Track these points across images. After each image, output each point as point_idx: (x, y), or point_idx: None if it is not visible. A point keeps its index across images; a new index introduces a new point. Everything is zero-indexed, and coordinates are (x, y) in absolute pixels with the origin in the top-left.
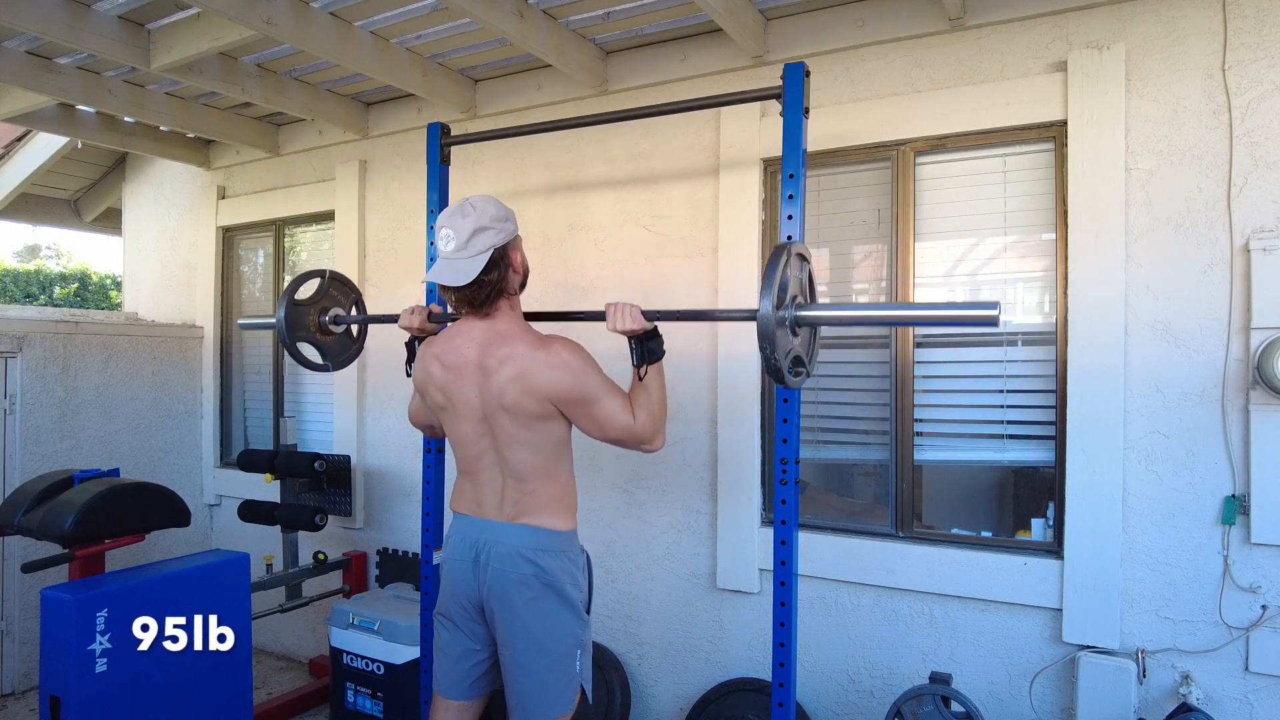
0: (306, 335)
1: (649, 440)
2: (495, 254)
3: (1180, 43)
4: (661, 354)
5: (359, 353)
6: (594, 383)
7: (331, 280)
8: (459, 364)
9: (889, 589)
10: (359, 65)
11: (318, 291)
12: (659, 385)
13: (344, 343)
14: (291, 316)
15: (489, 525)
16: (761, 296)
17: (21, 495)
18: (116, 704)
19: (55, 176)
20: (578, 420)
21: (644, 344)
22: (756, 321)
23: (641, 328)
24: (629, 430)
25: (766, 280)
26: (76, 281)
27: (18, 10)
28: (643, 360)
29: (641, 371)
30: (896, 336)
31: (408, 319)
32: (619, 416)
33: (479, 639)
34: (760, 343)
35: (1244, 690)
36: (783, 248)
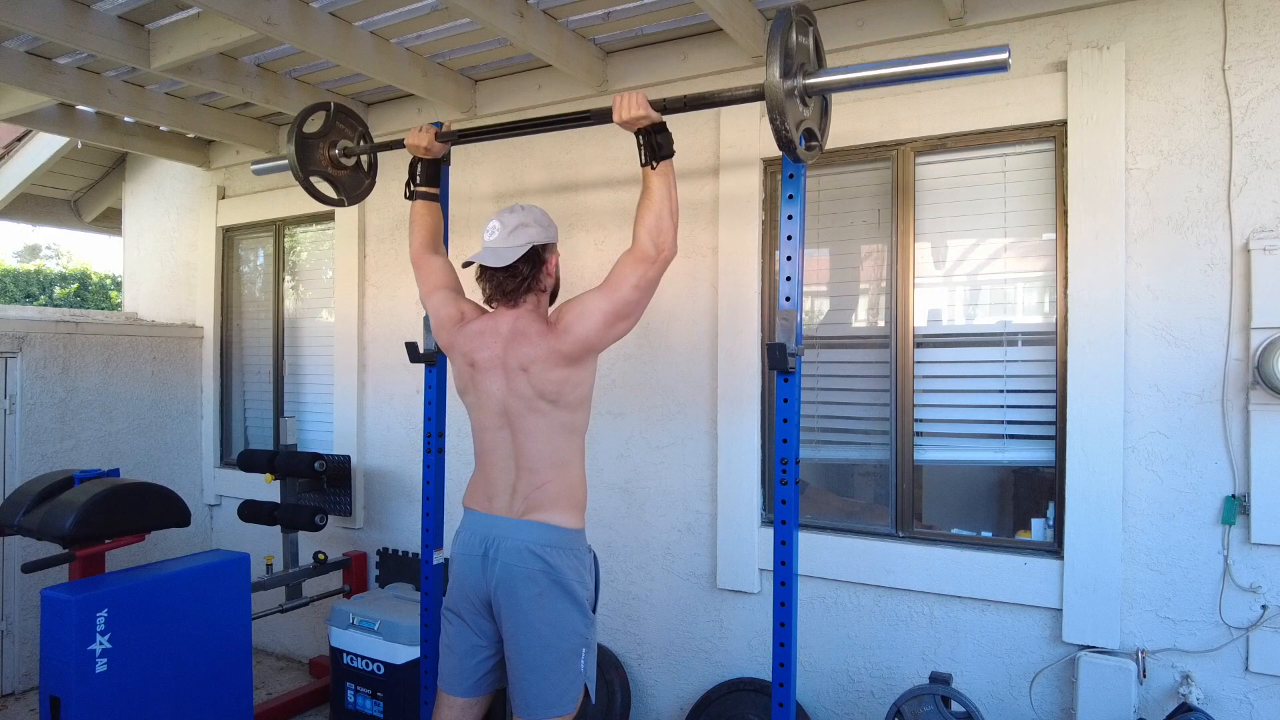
0: (319, 170)
1: (655, 253)
2: (534, 249)
3: (1180, 43)
4: (671, 150)
5: (372, 186)
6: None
7: (337, 112)
8: (486, 362)
9: (889, 589)
10: (359, 65)
11: (324, 125)
12: (664, 185)
13: (356, 177)
14: (302, 151)
15: (499, 521)
16: (767, 65)
17: (21, 495)
18: (116, 704)
19: (55, 176)
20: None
21: (652, 137)
22: (765, 92)
23: (648, 115)
24: (635, 266)
25: (771, 46)
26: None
27: (18, 10)
28: (651, 156)
29: (653, 165)
30: (896, 337)
31: (414, 137)
32: (624, 279)
33: (486, 635)
34: (770, 114)
35: (1244, 690)
36: (785, 10)
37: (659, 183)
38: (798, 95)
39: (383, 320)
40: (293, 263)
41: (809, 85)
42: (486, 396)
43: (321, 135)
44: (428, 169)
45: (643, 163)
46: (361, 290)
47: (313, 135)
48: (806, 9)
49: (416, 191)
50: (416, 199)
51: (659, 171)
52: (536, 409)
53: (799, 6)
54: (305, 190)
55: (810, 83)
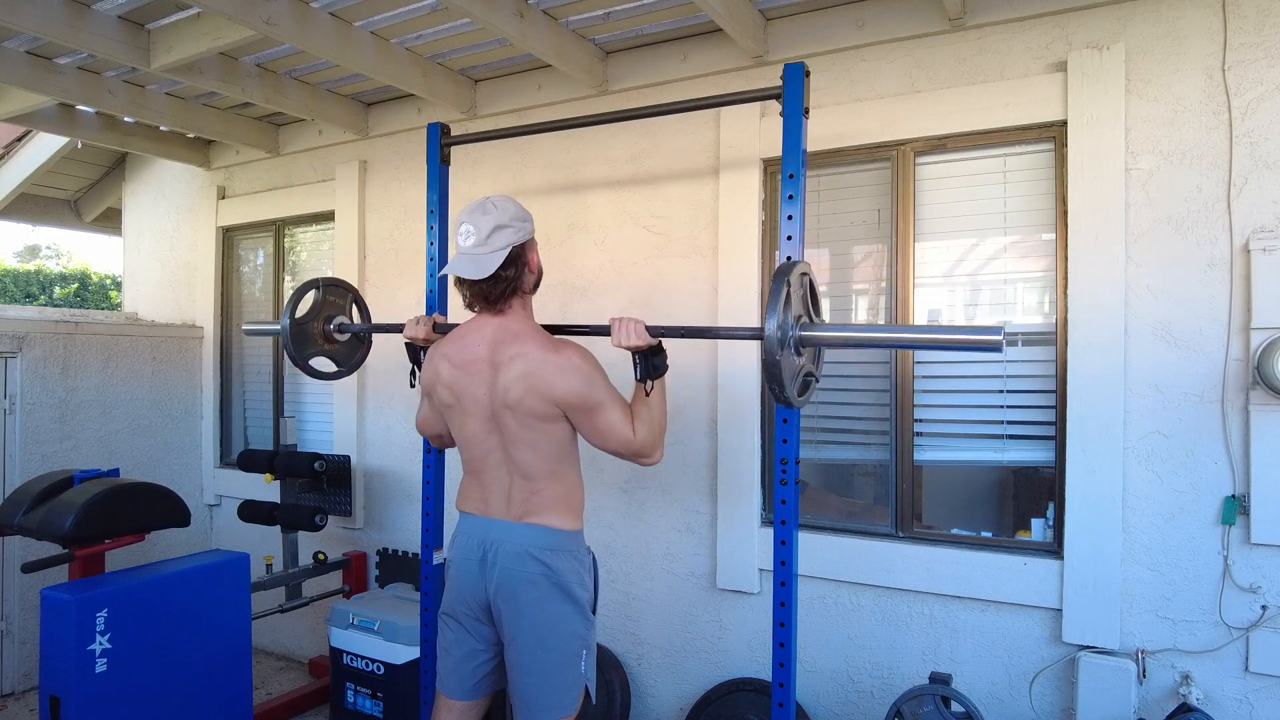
0: (316, 350)
1: (647, 455)
2: (513, 251)
3: (1180, 43)
4: (665, 369)
5: (368, 351)
6: (601, 391)
7: (326, 288)
8: (469, 361)
9: (889, 589)
10: (359, 65)
11: (315, 303)
12: (660, 400)
13: (352, 346)
14: (297, 336)
15: (496, 525)
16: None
17: (21, 495)
18: (116, 704)
19: (55, 176)
20: (580, 426)
21: (649, 359)
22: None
23: (646, 344)
24: (628, 444)
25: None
26: (76, 281)
27: (18, 10)
28: (646, 375)
29: (647, 387)
30: None
31: (413, 330)
32: (620, 429)
33: (484, 639)
34: (769, 382)
35: (1244, 690)
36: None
37: (656, 400)
38: (792, 348)
39: (383, 320)
40: (293, 263)
41: (803, 338)
42: (472, 402)
43: (313, 315)
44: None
45: (637, 379)
46: (361, 290)
47: (304, 317)
48: (807, 265)
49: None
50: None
51: (656, 389)
52: (523, 423)
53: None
54: (303, 371)
55: (805, 335)
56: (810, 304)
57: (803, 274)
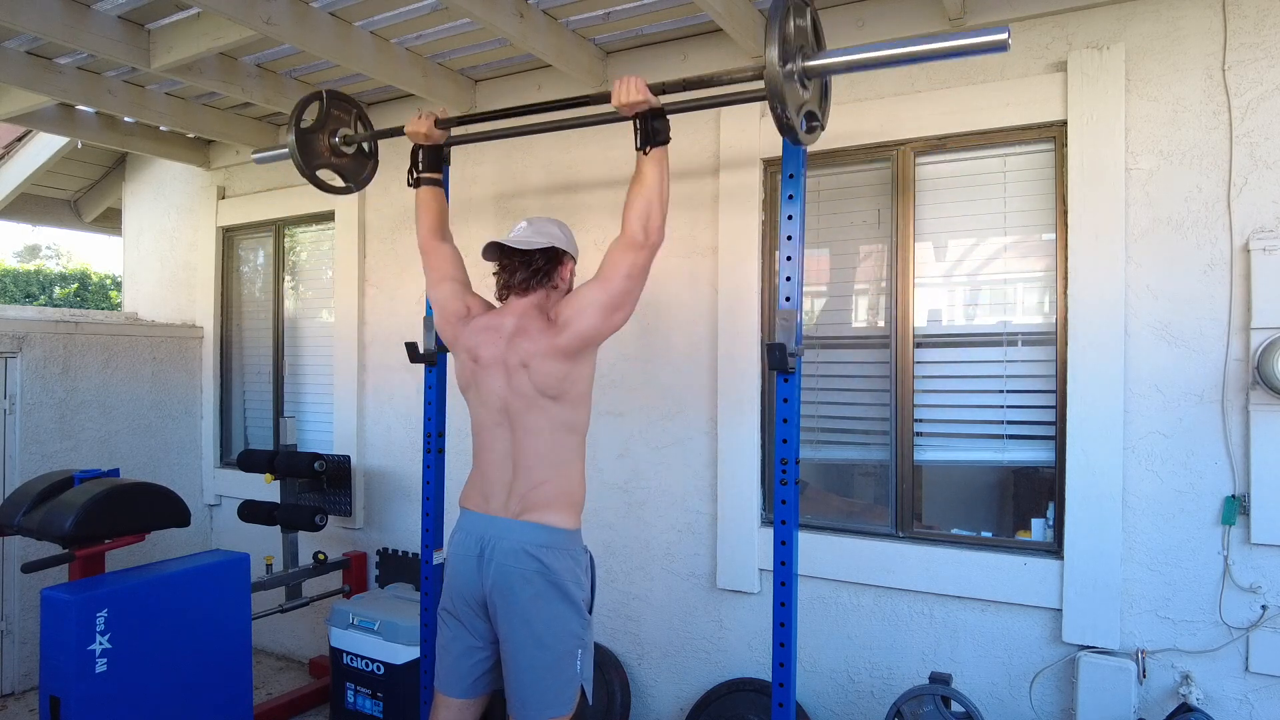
0: (323, 161)
1: (645, 239)
2: (555, 249)
3: (1180, 43)
4: (667, 136)
5: (376, 168)
6: (590, 293)
7: (330, 100)
8: (489, 360)
9: (889, 589)
10: (359, 65)
11: (320, 115)
12: (657, 172)
13: (358, 162)
14: (303, 145)
15: (495, 521)
16: (766, 47)
17: (21, 495)
18: (116, 704)
19: (55, 176)
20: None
21: (649, 122)
22: (764, 78)
23: (646, 100)
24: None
25: (770, 29)
26: (76, 281)
27: (18, 10)
28: (646, 141)
29: (646, 150)
30: (896, 337)
31: (415, 124)
32: (616, 268)
33: (481, 636)
34: (770, 100)
35: (1244, 690)
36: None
37: (652, 168)
38: (797, 78)
39: (383, 320)
40: (293, 263)
41: (808, 68)
42: (488, 393)
43: (319, 127)
44: (429, 155)
45: (637, 147)
46: (361, 290)
47: (310, 129)
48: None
49: (421, 178)
50: (421, 185)
51: (653, 157)
52: (538, 405)
53: None
54: (312, 183)
55: (810, 65)
56: (814, 38)
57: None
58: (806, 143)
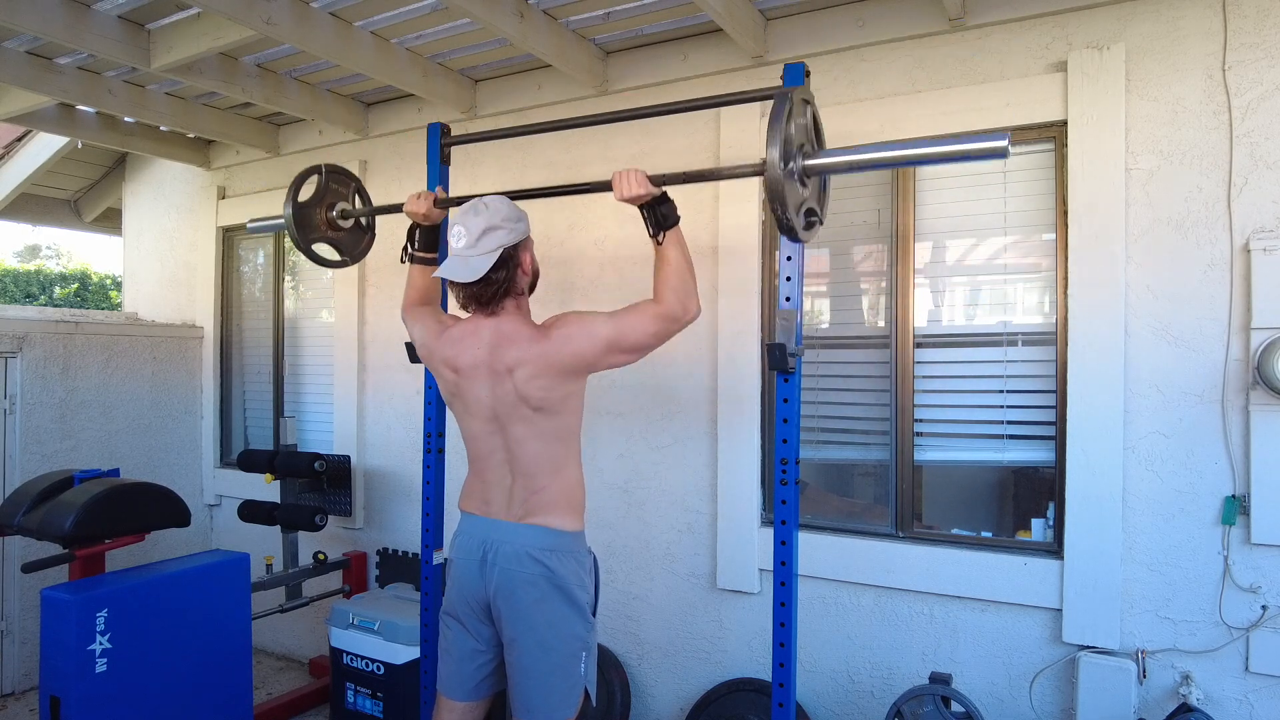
0: (319, 235)
1: (683, 314)
2: (505, 253)
3: (1180, 43)
4: (676, 218)
5: (373, 241)
6: (601, 323)
7: (329, 174)
8: (470, 366)
9: (889, 589)
10: (359, 65)
11: (318, 189)
12: (679, 253)
13: (356, 236)
14: (300, 218)
15: (497, 525)
16: (768, 148)
17: (21, 495)
18: (116, 704)
19: (55, 176)
20: (615, 360)
21: (655, 210)
22: (764, 178)
23: (649, 192)
24: (659, 320)
25: (772, 131)
26: (76, 281)
27: (18, 10)
28: (658, 228)
29: (660, 239)
30: (896, 337)
31: (413, 204)
32: (643, 322)
33: (485, 639)
34: (771, 202)
35: (1244, 690)
36: (785, 94)
37: (673, 251)
38: (797, 176)
39: (383, 320)
40: (293, 263)
41: (808, 166)
42: (475, 403)
43: (316, 201)
44: (426, 235)
45: (651, 235)
46: (361, 290)
47: (307, 202)
48: (807, 90)
49: (415, 256)
50: (415, 264)
51: (670, 241)
52: (524, 417)
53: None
54: (307, 256)
55: (810, 164)
56: (814, 135)
57: (805, 100)
58: (805, 239)
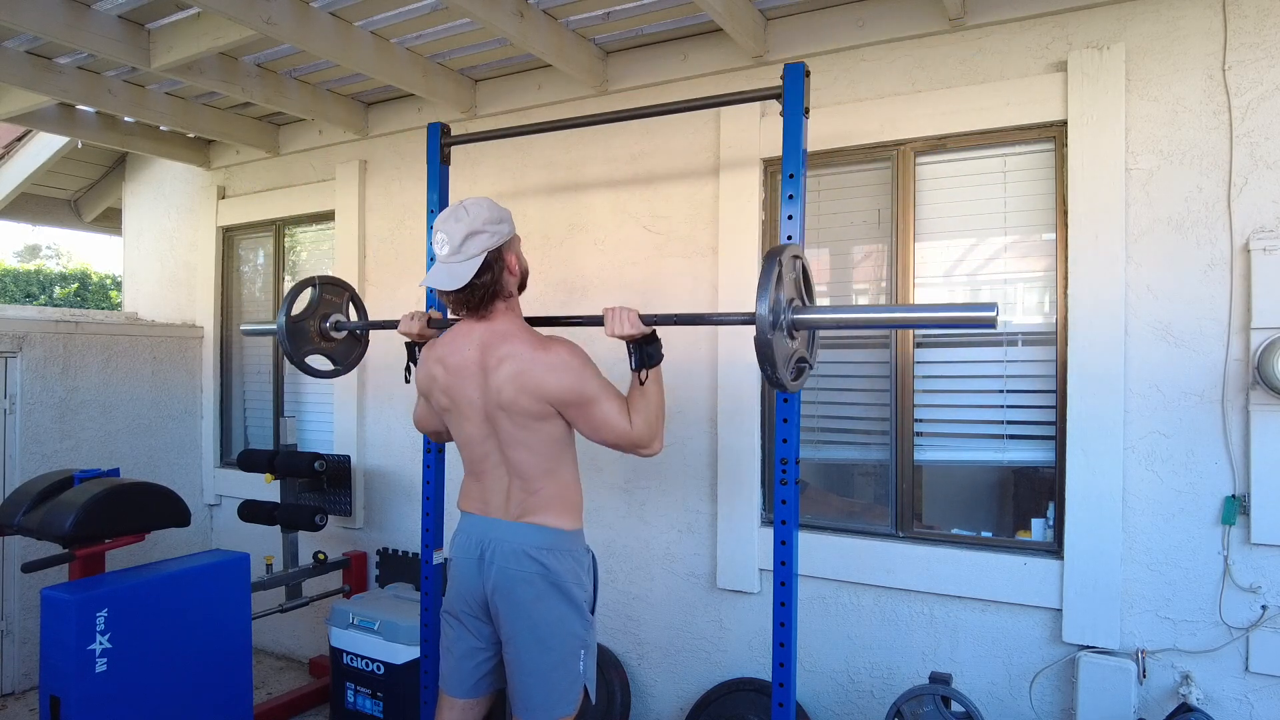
0: (313, 348)
1: (645, 445)
2: (489, 257)
3: (1180, 43)
4: (660, 358)
5: (365, 350)
6: (593, 385)
7: (322, 286)
8: (460, 365)
9: (889, 589)
10: (359, 65)
11: (312, 301)
12: (657, 390)
13: (349, 345)
14: (293, 334)
15: (495, 524)
16: (758, 305)
17: (21, 495)
18: (116, 704)
19: (55, 176)
20: (575, 422)
21: (643, 348)
22: (755, 340)
23: (639, 332)
24: (625, 435)
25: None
26: (76, 281)
27: (18, 10)
28: (642, 364)
29: (641, 376)
30: (896, 336)
31: (407, 325)
32: (616, 421)
33: (484, 637)
34: (760, 362)
35: (1244, 690)
36: (775, 253)
37: (653, 389)
38: (785, 330)
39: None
40: (293, 263)
41: (797, 320)
42: (467, 404)
43: (310, 313)
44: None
45: (633, 368)
46: (361, 290)
47: (301, 315)
48: (797, 247)
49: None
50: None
51: (651, 379)
52: (518, 423)
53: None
54: (299, 369)
55: (799, 318)
56: (804, 289)
57: (795, 256)
58: (794, 389)
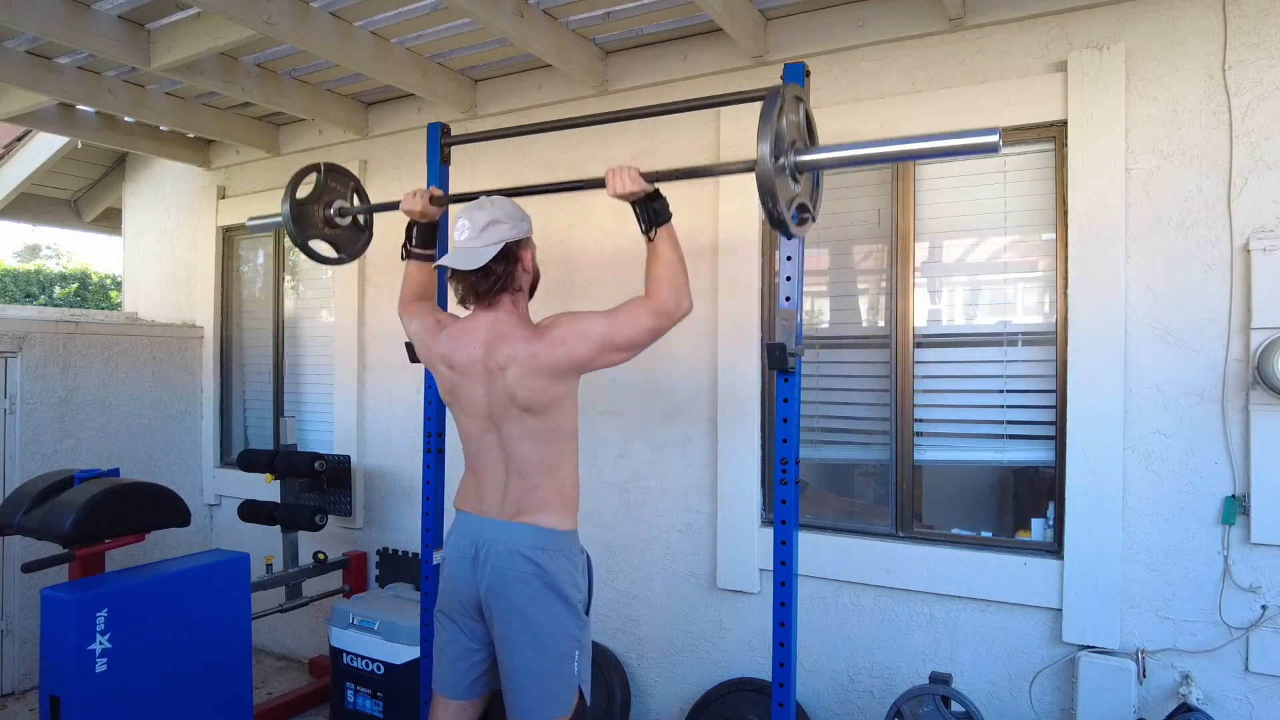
0: (316, 232)
1: (676, 310)
2: (507, 247)
3: (1180, 43)
4: (669, 215)
5: (369, 240)
6: (595, 323)
7: (328, 172)
8: (465, 364)
9: (889, 589)
10: (359, 65)
11: (316, 186)
12: (671, 248)
13: (353, 234)
14: (298, 215)
15: (490, 523)
16: (759, 143)
17: (21, 495)
18: (116, 704)
19: (55, 176)
20: (609, 359)
21: (648, 206)
22: (756, 174)
23: (642, 189)
24: (652, 316)
25: (763, 126)
26: (76, 281)
27: (18, 10)
28: (650, 224)
29: (652, 235)
30: (896, 337)
31: (409, 202)
32: (636, 319)
33: (478, 638)
34: (761, 196)
35: (1244, 690)
36: (776, 91)
37: (666, 247)
38: (789, 172)
39: (383, 320)
40: (293, 263)
41: (800, 163)
42: (470, 401)
43: (315, 198)
44: (424, 232)
45: (643, 231)
46: (361, 290)
47: (306, 199)
48: (798, 87)
49: (413, 253)
50: (412, 259)
51: (662, 237)
52: (515, 416)
53: (790, 85)
54: (304, 253)
55: (802, 160)
56: (806, 133)
57: (796, 98)
58: (798, 234)
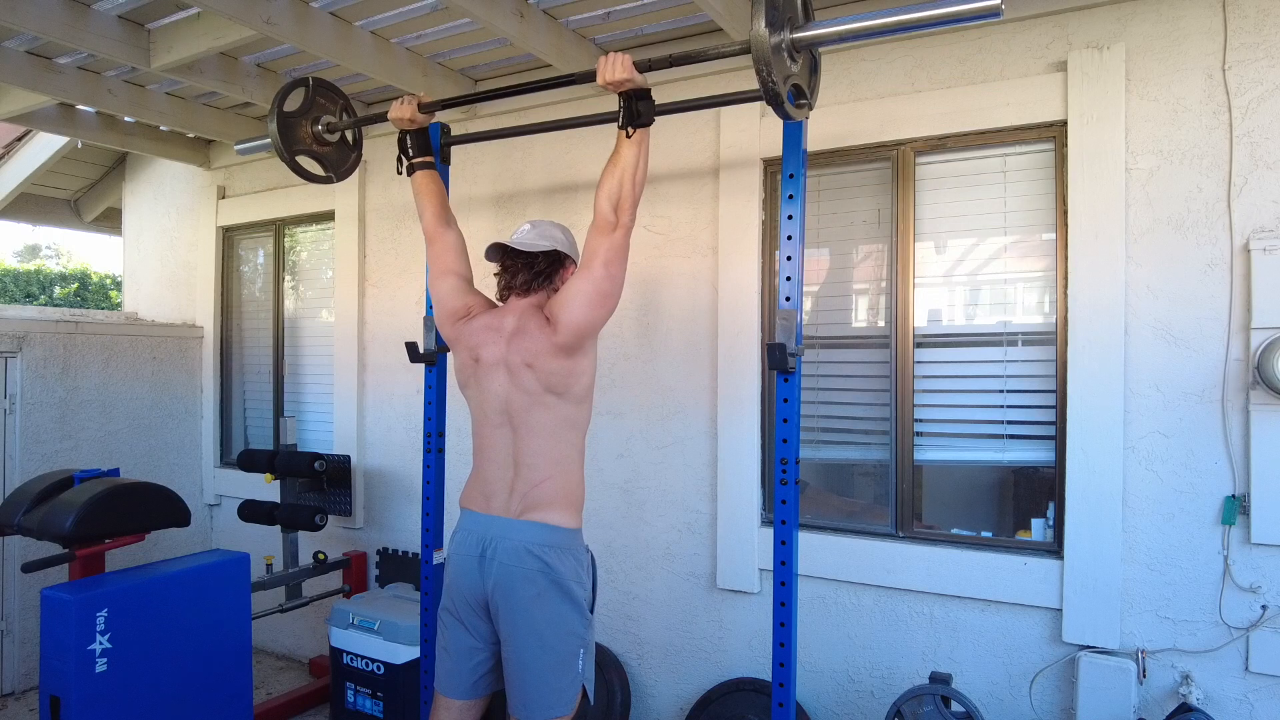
0: (304, 148)
1: (614, 220)
2: (558, 252)
3: (1180, 43)
4: (651, 119)
5: (359, 160)
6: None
7: (316, 87)
8: (491, 362)
9: (889, 589)
10: (359, 65)
11: (305, 102)
12: (635, 154)
13: (342, 152)
14: (284, 130)
15: (496, 521)
16: (753, 17)
17: (21, 495)
18: (116, 704)
19: (55, 176)
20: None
21: (633, 102)
22: (751, 45)
23: (631, 79)
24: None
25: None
26: (76, 281)
27: (18, 10)
28: (629, 121)
29: (630, 132)
30: (896, 337)
31: (398, 110)
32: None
33: (482, 637)
34: (756, 66)
35: (1244, 690)
36: None
37: (630, 150)
38: (785, 50)
39: (383, 320)
40: (293, 262)
41: (797, 39)
42: (489, 394)
43: (303, 113)
44: (417, 139)
45: (620, 125)
46: (361, 290)
47: (294, 114)
48: None
49: (413, 164)
50: (415, 171)
51: (634, 139)
52: (542, 403)
53: None
54: (291, 168)
55: (799, 36)
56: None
57: None
58: (795, 116)
